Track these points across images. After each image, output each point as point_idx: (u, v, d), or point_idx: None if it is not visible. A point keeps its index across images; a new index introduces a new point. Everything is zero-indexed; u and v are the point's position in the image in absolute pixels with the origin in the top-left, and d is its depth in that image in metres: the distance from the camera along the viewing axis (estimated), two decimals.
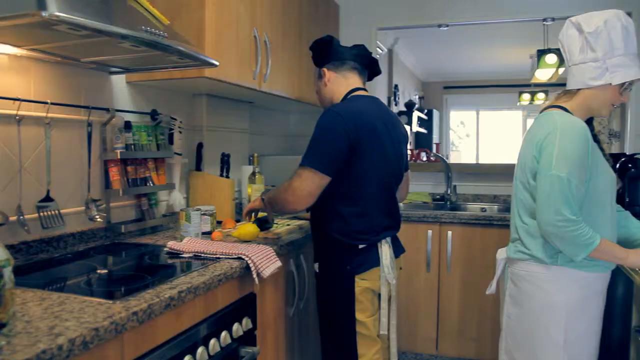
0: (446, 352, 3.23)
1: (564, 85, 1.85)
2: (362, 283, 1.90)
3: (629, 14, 2.31)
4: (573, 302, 1.74)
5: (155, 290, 1.36)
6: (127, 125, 2.13)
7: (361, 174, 1.89)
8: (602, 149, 1.86)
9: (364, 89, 2.05)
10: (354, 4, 3.80)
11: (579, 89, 1.78)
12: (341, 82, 2.04)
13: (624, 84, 1.71)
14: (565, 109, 1.77)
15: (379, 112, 1.99)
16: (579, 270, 1.73)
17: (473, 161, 9.56)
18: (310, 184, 1.83)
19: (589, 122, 1.84)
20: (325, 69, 2.06)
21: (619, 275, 2.28)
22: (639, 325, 2.11)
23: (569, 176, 1.63)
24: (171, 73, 2.11)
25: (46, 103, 1.79)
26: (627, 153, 3.19)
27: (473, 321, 3.17)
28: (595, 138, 1.83)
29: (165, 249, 1.87)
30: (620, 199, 2.18)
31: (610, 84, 1.70)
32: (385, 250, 1.94)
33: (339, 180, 1.86)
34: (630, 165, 3.00)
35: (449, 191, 3.74)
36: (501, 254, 1.97)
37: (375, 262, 1.92)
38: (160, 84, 2.34)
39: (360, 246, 1.90)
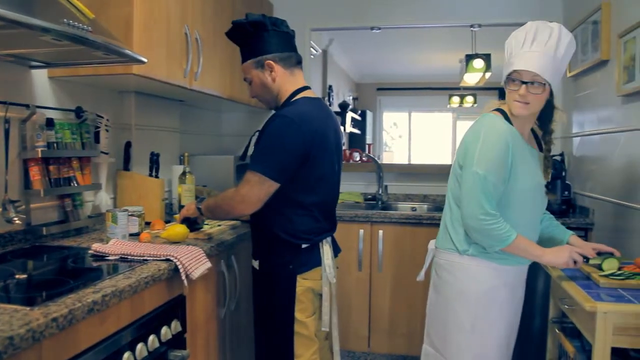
0: (378, 349, 3.29)
1: (491, 89, 1.95)
2: (304, 283, 1.90)
3: None
4: (482, 291, 1.85)
5: (78, 295, 1.31)
6: (50, 123, 2.03)
7: (311, 180, 1.88)
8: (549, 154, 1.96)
9: (309, 88, 2.00)
10: (288, 4, 3.79)
11: None
12: (290, 80, 1.95)
13: (512, 81, 1.80)
14: (504, 112, 1.86)
15: (326, 117, 1.97)
16: (489, 261, 1.84)
17: (406, 161, 9.78)
18: (259, 191, 1.81)
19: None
20: (272, 62, 1.91)
21: (539, 270, 2.40)
22: (556, 317, 2.23)
23: (486, 174, 1.74)
24: (97, 69, 2.03)
25: None
26: None
27: (403, 318, 3.24)
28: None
29: (90, 251, 1.80)
30: None
31: (506, 85, 1.82)
32: (326, 249, 1.95)
33: (287, 185, 1.84)
34: None
35: (380, 191, 3.80)
36: (432, 244, 2.08)
37: (317, 262, 1.93)
38: (85, 80, 2.24)
39: (304, 246, 1.91)
